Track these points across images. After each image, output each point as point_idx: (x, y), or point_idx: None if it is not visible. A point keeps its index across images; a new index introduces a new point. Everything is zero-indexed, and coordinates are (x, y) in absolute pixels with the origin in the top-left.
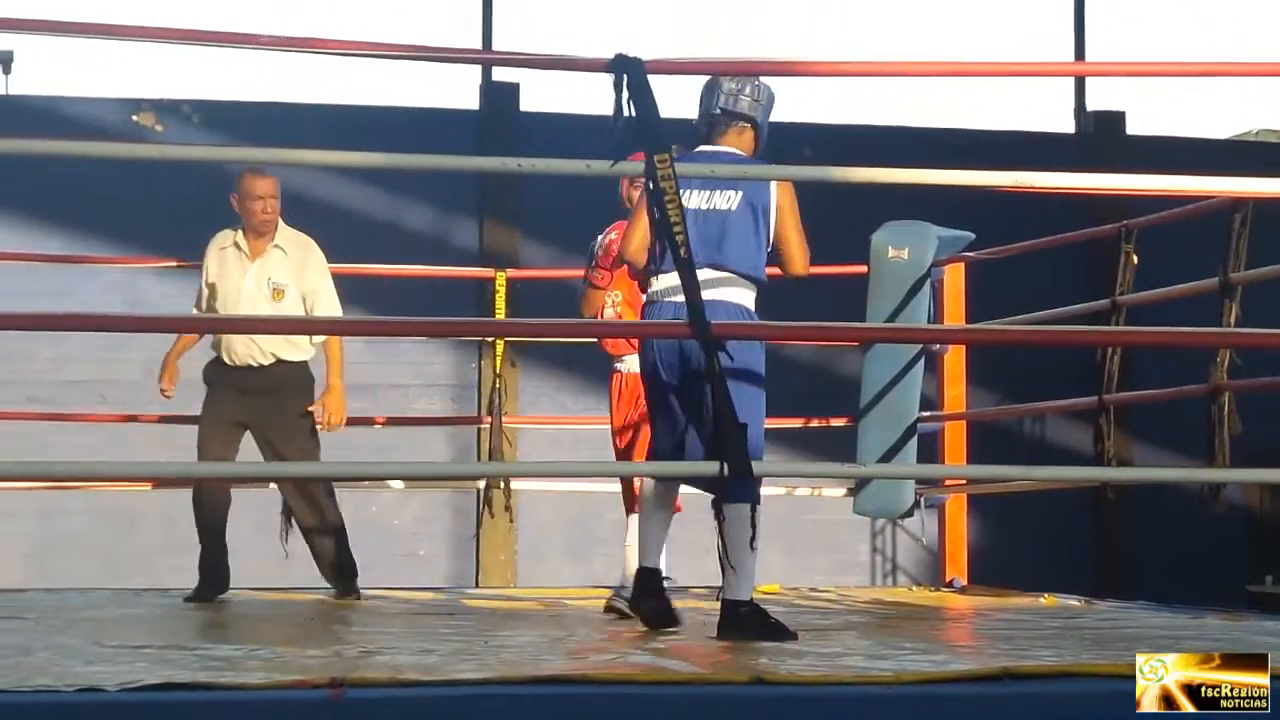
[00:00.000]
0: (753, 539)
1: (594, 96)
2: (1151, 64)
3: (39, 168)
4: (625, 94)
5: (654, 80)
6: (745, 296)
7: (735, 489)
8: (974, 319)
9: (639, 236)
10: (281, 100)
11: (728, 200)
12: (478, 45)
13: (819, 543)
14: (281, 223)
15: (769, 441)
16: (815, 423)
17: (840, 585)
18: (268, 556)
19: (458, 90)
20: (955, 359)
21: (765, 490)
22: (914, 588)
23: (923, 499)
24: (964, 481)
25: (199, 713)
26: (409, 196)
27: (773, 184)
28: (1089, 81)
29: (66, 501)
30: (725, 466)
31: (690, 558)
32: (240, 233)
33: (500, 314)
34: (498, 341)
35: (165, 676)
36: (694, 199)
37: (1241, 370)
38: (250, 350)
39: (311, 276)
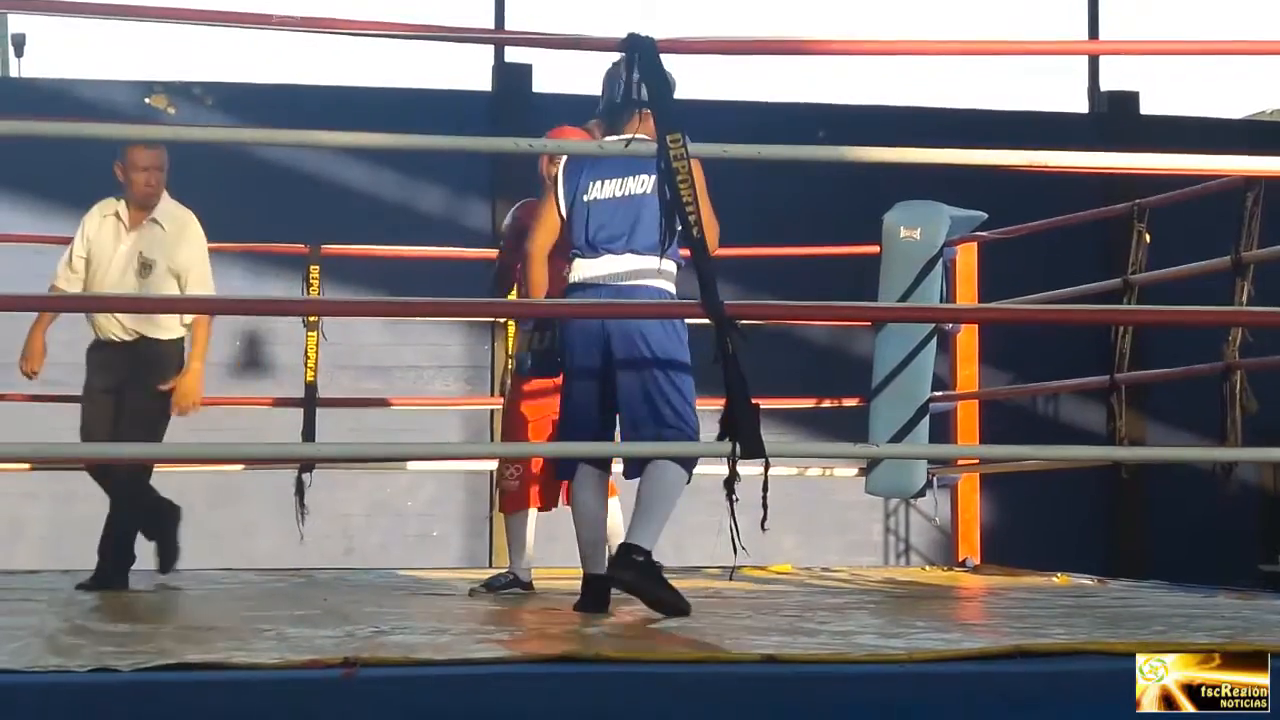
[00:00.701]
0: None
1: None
2: (1165, 43)
3: (51, 150)
4: (636, 73)
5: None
6: (666, 280)
7: (687, 463)
8: (986, 298)
9: (549, 227)
10: (294, 82)
11: (641, 185)
12: (490, 25)
13: (831, 523)
14: (166, 195)
15: (782, 422)
16: (827, 403)
17: (853, 565)
18: (282, 537)
19: (470, 72)
20: (968, 339)
21: (777, 470)
22: (927, 567)
23: (935, 479)
24: (976, 461)
25: (212, 692)
26: (422, 178)
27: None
28: (1103, 61)
29: (82, 485)
30: (738, 446)
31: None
32: (123, 203)
33: (512, 296)
34: (510, 323)
35: (178, 657)
36: (607, 187)
37: (1254, 349)
38: (112, 326)
39: (185, 253)
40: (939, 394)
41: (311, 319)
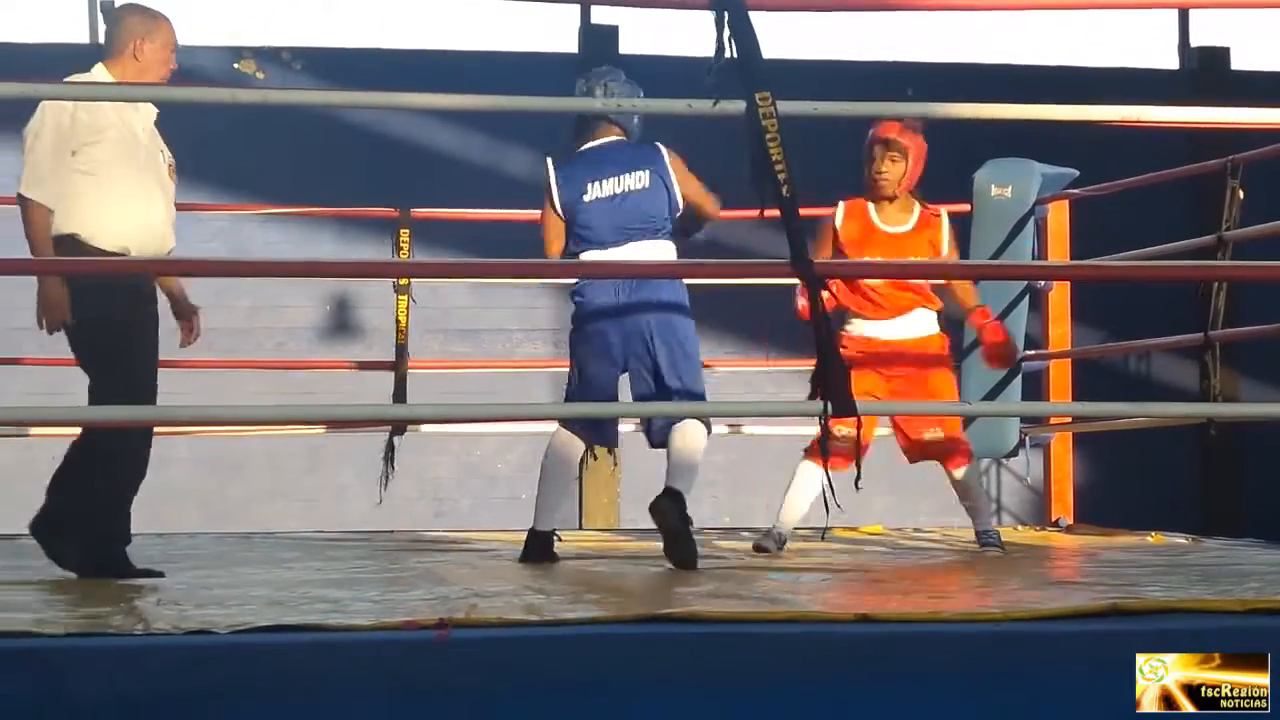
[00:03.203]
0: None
1: (695, 38)
2: None
3: None
4: (726, 31)
5: (755, 18)
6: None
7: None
8: (1078, 257)
9: (559, 232)
10: (380, 46)
11: (639, 180)
12: None
13: (923, 483)
14: None
15: None
16: None
17: (944, 526)
18: (373, 501)
19: (557, 34)
20: (1060, 297)
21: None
22: (1019, 527)
23: (1027, 438)
24: (1069, 420)
25: (309, 654)
26: (509, 140)
27: (664, 153)
28: (1193, 16)
29: (173, 449)
30: (829, 405)
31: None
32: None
33: None
34: None
35: (275, 619)
36: (607, 186)
37: None
38: None
39: None
40: (1031, 353)
41: (402, 282)
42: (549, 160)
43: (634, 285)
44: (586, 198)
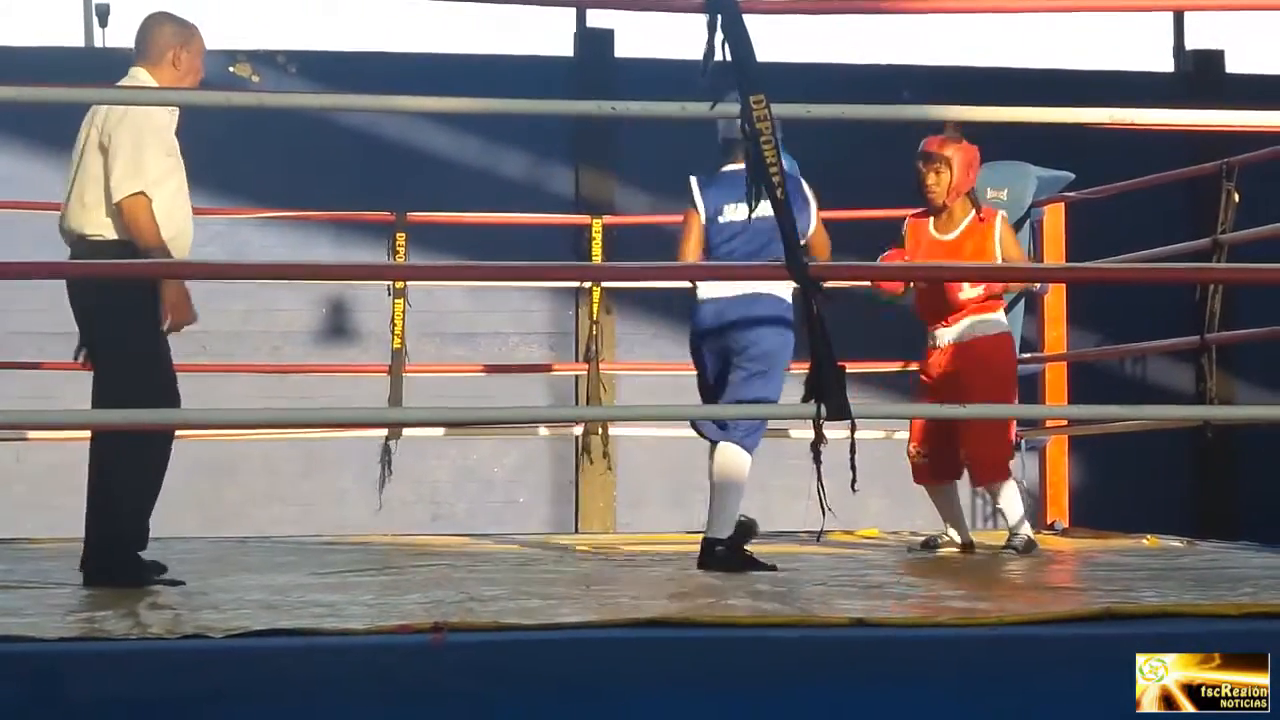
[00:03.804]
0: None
1: (689, 42)
2: None
3: None
4: (719, 34)
5: (749, 21)
6: (786, 289)
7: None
8: (1074, 259)
9: (699, 238)
10: (376, 50)
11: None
12: None
13: (919, 487)
14: None
15: (868, 385)
16: (915, 365)
17: (941, 529)
18: (370, 505)
19: (552, 38)
20: (1056, 300)
21: (864, 433)
22: None
23: (1023, 441)
24: (1065, 423)
25: (304, 658)
26: (504, 144)
27: (803, 185)
28: (1188, 19)
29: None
30: (824, 408)
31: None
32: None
33: (597, 260)
34: (594, 288)
35: (270, 623)
36: (741, 210)
37: None
38: None
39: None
40: (1027, 355)
41: (398, 285)
42: (692, 178)
43: (730, 304)
44: (721, 218)
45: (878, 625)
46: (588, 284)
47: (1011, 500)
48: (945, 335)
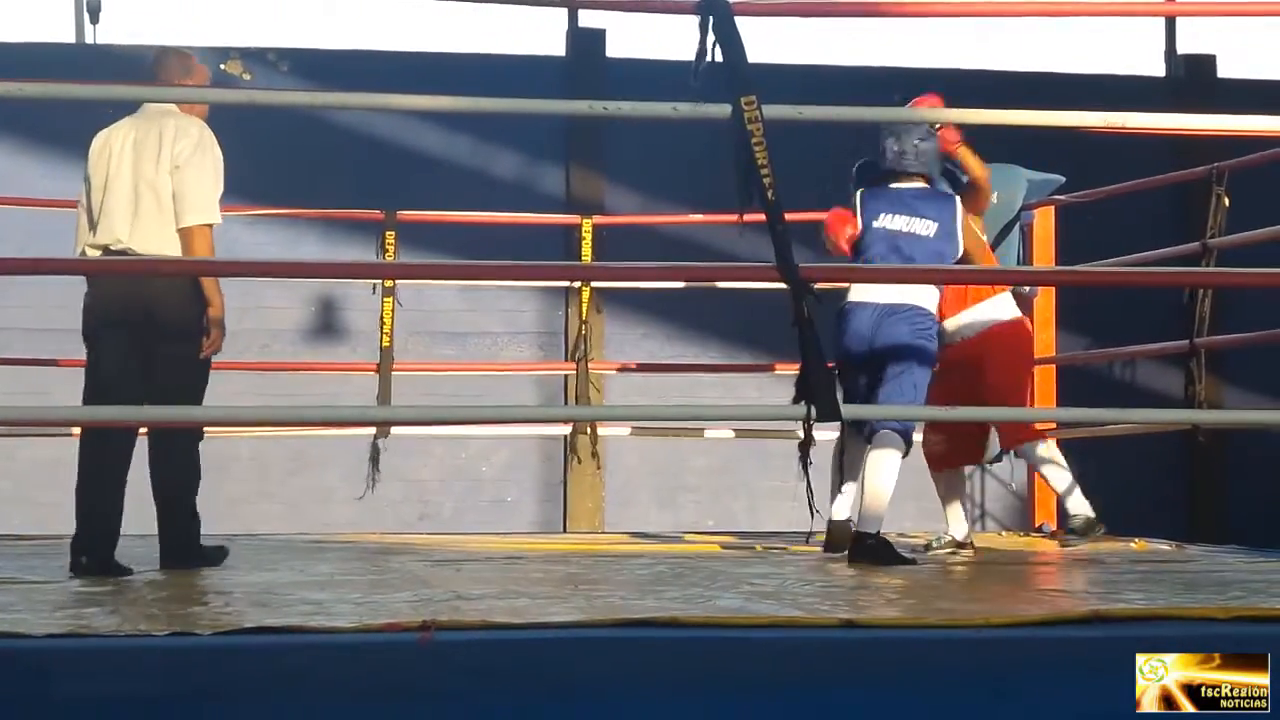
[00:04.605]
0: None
1: (681, 42)
2: (1244, 3)
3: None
4: (711, 35)
5: (741, 22)
6: (930, 301)
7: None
8: (1064, 263)
9: (851, 235)
10: (368, 48)
11: (926, 228)
12: None
13: (908, 488)
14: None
15: None
16: None
17: (929, 531)
18: (359, 504)
19: (544, 37)
20: (1045, 302)
21: None
22: (1003, 533)
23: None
24: (1054, 426)
25: (291, 656)
26: (496, 143)
27: (957, 207)
28: (1180, 24)
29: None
30: (813, 409)
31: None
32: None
33: (587, 260)
34: (584, 288)
35: (257, 620)
36: (897, 220)
37: None
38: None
39: None
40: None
41: (387, 284)
42: (858, 190)
43: (880, 311)
44: (876, 224)
45: (867, 626)
46: (577, 284)
47: (1058, 477)
48: (959, 322)
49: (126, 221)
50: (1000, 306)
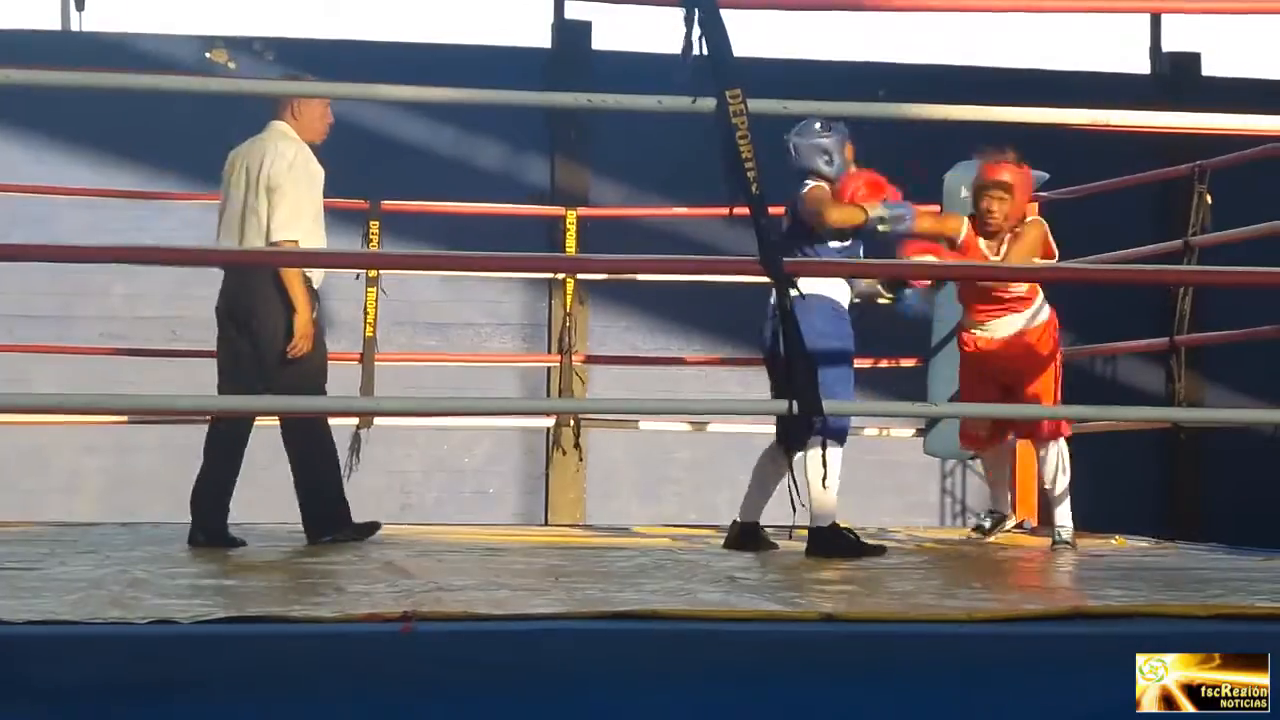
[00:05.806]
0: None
1: (667, 35)
2: (1229, 1)
3: (112, 103)
4: (697, 29)
5: (726, 15)
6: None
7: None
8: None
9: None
10: (353, 38)
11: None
12: None
13: (888, 483)
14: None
15: (863, 382)
16: (885, 363)
17: (909, 526)
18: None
19: (529, 29)
20: None
21: (864, 431)
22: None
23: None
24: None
25: (271, 645)
26: (481, 134)
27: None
28: (1164, 21)
29: (141, 436)
30: (795, 404)
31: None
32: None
33: (571, 252)
34: (568, 280)
35: (237, 609)
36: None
37: None
38: None
39: None
40: None
41: (372, 274)
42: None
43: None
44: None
45: (847, 621)
46: (561, 275)
47: (1060, 481)
48: (997, 326)
49: (234, 243)
50: (1044, 305)
